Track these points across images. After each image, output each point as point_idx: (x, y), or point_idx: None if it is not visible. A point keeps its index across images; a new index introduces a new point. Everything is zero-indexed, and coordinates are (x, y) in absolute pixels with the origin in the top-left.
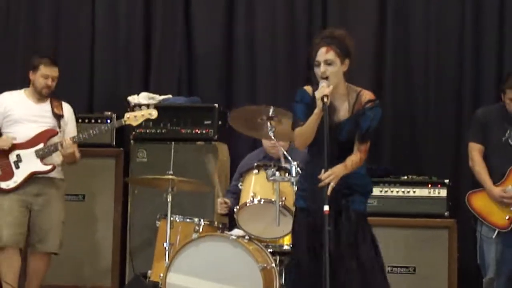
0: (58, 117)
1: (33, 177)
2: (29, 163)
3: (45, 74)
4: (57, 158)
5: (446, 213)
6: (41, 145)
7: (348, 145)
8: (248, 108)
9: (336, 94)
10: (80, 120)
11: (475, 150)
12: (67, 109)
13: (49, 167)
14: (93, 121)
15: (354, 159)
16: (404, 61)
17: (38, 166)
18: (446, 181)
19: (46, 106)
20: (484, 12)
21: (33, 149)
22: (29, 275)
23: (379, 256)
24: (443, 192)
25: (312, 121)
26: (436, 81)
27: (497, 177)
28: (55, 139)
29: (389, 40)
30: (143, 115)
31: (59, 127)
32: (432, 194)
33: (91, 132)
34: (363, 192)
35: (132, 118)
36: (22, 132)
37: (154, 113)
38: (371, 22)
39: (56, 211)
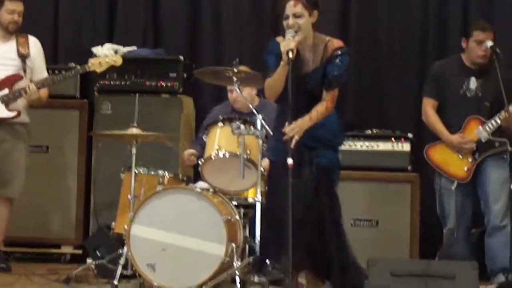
0: (24, 57)
1: None
2: None
3: (10, 9)
4: (21, 102)
5: (409, 167)
6: (5, 91)
7: (318, 95)
8: (212, 68)
9: (305, 45)
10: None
11: (428, 105)
12: (33, 45)
13: (14, 113)
14: (57, 71)
15: (320, 109)
16: (369, 16)
17: (3, 112)
18: (410, 135)
19: (11, 46)
20: None
21: None
22: None
23: (337, 215)
24: (407, 146)
25: (280, 73)
26: (400, 35)
27: (455, 130)
28: (21, 83)
29: None
30: (107, 61)
31: (25, 69)
32: (395, 148)
33: (55, 78)
34: (331, 144)
35: (97, 64)
36: None
37: (118, 60)
38: None
39: (19, 156)
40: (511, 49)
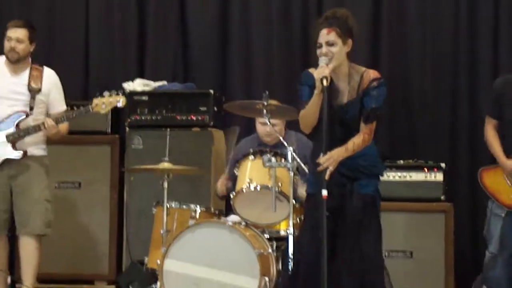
0: (34, 92)
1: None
2: (1, 148)
3: (8, 36)
4: (31, 139)
5: (442, 197)
6: (11, 129)
7: (355, 126)
8: (242, 102)
9: (340, 75)
10: (75, 107)
11: (489, 125)
12: (48, 78)
13: (20, 154)
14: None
15: (357, 141)
16: (400, 46)
17: (9, 152)
18: (442, 165)
19: (23, 79)
20: None
21: (4, 133)
22: (21, 261)
23: (379, 250)
24: (440, 176)
25: (313, 103)
26: (432, 65)
27: (510, 152)
28: (28, 121)
29: (384, 27)
30: (111, 102)
31: (32, 105)
32: (428, 178)
33: (70, 115)
34: (371, 174)
35: (100, 106)
36: None
37: (122, 100)
38: (366, 3)
39: (37, 190)
40: None
